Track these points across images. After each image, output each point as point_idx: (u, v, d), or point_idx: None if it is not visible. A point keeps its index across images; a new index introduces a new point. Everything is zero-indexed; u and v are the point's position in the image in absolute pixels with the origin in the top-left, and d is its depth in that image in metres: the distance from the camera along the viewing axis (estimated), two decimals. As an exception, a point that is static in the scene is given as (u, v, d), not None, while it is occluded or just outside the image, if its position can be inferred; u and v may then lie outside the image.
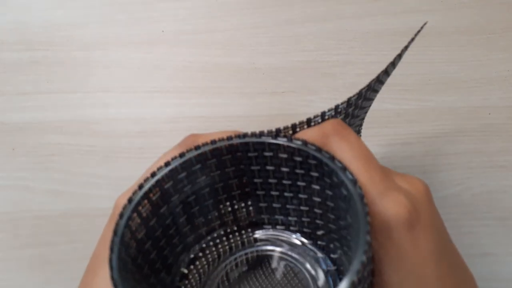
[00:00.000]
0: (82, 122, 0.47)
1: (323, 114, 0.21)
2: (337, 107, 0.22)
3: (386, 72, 0.24)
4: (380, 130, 0.44)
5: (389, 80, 0.30)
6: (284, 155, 0.20)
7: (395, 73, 0.30)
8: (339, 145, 0.19)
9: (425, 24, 0.26)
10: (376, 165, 0.19)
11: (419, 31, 0.26)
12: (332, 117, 0.22)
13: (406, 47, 0.26)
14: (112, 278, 0.16)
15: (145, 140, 0.45)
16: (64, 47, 0.53)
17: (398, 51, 0.29)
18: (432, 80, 0.48)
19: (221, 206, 0.23)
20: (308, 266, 0.22)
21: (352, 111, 0.23)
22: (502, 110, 0.45)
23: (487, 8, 0.54)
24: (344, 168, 0.17)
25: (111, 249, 0.17)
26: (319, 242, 0.22)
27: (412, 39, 0.26)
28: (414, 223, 0.17)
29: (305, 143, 0.19)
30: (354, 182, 0.17)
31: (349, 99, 0.22)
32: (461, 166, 0.42)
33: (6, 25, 0.56)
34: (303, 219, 0.22)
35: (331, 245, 0.22)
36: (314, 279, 0.22)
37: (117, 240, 0.17)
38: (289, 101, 0.47)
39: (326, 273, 0.22)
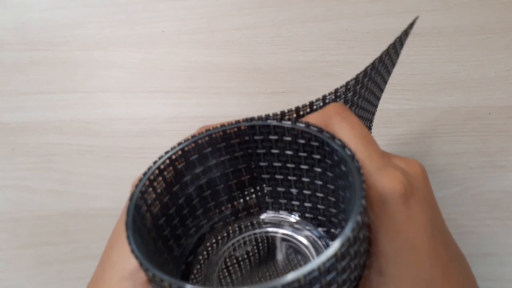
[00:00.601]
0: (82, 122, 0.47)
1: (324, 98, 0.22)
2: (336, 90, 0.23)
3: (381, 60, 0.25)
4: (380, 130, 0.44)
5: (389, 80, 0.30)
6: (288, 138, 0.21)
7: (395, 73, 0.30)
8: (340, 125, 0.20)
9: (417, 18, 0.27)
10: (375, 144, 0.20)
11: (413, 23, 0.26)
12: (333, 100, 0.23)
13: (400, 38, 0.26)
14: (128, 237, 0.17)
15: (145, 140, 0.45)
16: (64, 47, 0.53)
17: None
18: (432, 80, 0.48)
19: (232, 190, 0.24)
20: (308, 246, 0.23)
21: (352, 97, 0.24)
22: (502, 110, 0.45)
23: (487, 8, 0.54)
24: (343, 145, 0.18)
25: (127, 213, 0.18)
26: (319, 229, 0.23)
27: (407, 32, 0.26)
28: (409, 197, 0.18)
29: (307, 125, 0.20)
30: (352, 157, 0.18)
31: (347, 83, 0.23)
32: (461, 166, 0.42)
33: (6, 25, 0.56)
34: (306, 204, 0.23)
35: (332, 230, 0.22)
36: (314, 259, 0.22)
37: (131, 206, 0.18)
38: (289, 101, 0.47)
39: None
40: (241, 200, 0.24)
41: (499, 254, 0.38)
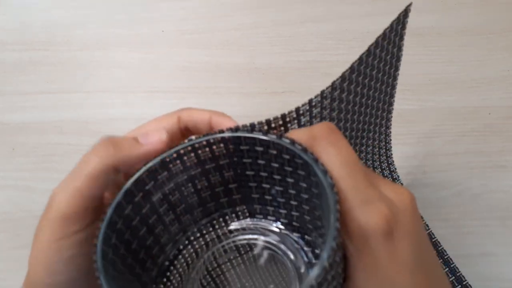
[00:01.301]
0: (82, 122, 0.47)
1: (310, 101, 0.22)
2: (322, 92, 0.22)
3: (370, 54, 0.25)
4: (380, 130, 0.44)
5: (389, 80, 0.30)
6: (274, 152, 0.20)
7: (395, 73, 0.30)
8: (326, 149, 0.19)
9: (410, 4, 0.26)
10: (362, 172, 0.19)
11: (406, 11, 0.26)
12: (319, 102, 0.22)
13: (391, 27, 0.25)
14: (96, 261, 0.17)
15: (145, 140, 0.45)
16: (64, 47, 0.53)
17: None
18: (432, 80, 0.48)
19: (219, 197, 0.23)
20: (292, 256, 0.23)
21: (339, 95, 0.24)
22: (502, 110, 0.45)
23: (487, 8, 0.54)
24: (325, 172, 0.18)
25: (98, 233, 0.18)
26: (306, 237, 0.23)
27: (399, 19, 0.26)
28: (393, 233, 0.18)
29: (292, 142, 0.19)
30: (332, 186, 0.17)
31: (333, 83, 0.23)
32: (461, 166, 0.42)
33: (6, 25, 0.56)
34: (293, 213, 0.23)
35: (318, 241, 0.22)
36: (296, 269, 0.22)
37: (104, 225, 0.18)
38: (289, 101, 0.47)
39: (308, 264, 0.22)
40: (230, 208, 0.24)
41: (499, 254, 0.38)
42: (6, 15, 0.57)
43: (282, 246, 0.23)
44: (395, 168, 0.38)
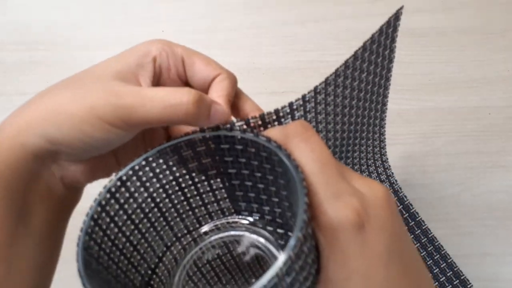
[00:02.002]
0: (82, 122, 0.47)
1: (290, 104, 0.22)
2: (304, 96, 0.23)
3: (357, 58, 0.25)
4: (380, 130, 0.44)
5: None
6: (252, 149, 0.20)
7: (395, 73, 0.30)
8: (298, 146, 0.19)
9: (401, 7, 0.26)
10: (334, 167, 0.19)
11: (397, 14, 0.26)
12: (312, 97, 0.23)
13: (380, 31, 0.25)
14: (77, 254, 0.17)
15: (145, 140, 0.45)
16: (64, 47, 0.53)
17: (398, 51, 0.29)
18: (432, 80, 0.48)
19: (203, 195, 0.24)
20: (275, 253, 0.23)
21: (325, 97, 0.24)
22: (502, 110, 0.45)
23: (487, 8, 0.54)
24: (297, 167, 0.18)
25: (81, 230, 0.18)
26: (289, 233, 0.23)
27: (389, 23, 0.26)
28: (364, 226, 0.18)
29: (268, 139, 0.19)
30: (302, 180, 0.18)
31: (315, 88, 0.23)
32: (461, 166, 0.42)
33: (6, 25, 0.56)
34: (275, 209, 0.23)
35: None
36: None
37: (87, 223, 0.19)
38: (289, 101, 0.47)
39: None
40: (215, 204, 0.24)
41: (499, 254, 0.38)
42: (6, 15, 0.57)
43: (267, 243, 0.23)
44: (389, 166, 0.38)
